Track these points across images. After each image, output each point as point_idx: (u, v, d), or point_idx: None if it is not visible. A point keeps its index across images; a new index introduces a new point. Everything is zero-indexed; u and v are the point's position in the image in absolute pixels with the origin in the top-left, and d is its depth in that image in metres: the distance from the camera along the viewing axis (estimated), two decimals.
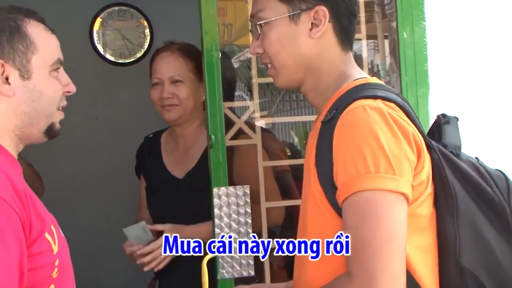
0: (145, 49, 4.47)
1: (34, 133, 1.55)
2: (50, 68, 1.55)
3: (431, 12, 2.26)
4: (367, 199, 1.37)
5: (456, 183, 1.48)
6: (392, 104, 1.45)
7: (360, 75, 1.57)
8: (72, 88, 1.61)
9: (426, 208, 1.47)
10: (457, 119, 1.61)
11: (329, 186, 1.43)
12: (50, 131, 1.57)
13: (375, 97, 1.44)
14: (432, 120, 2.20)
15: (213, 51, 2.16)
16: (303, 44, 1.54)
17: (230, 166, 2.28)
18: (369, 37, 2.50)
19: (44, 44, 1.53)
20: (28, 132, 1.54)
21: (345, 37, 1.56)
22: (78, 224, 3.96)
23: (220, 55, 2.17)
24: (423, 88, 2.23)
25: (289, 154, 2.76)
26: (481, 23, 2.38)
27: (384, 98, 1.45)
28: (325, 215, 1.46)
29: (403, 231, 1.38)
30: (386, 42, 2.55)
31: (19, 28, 1.50)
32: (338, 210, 1.43)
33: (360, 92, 1.47)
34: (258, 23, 1.56)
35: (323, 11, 1.52)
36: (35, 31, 1.52)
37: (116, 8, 4.43)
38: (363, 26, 2.31)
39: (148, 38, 4.47)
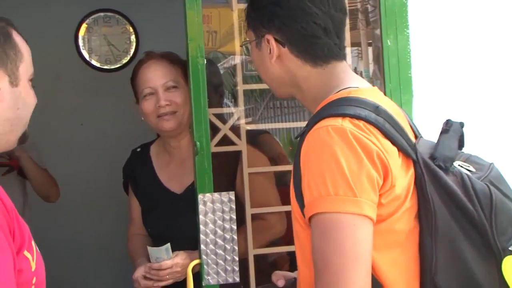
0: (130, 55, 4.48)
1: (10, 140, 1.54)
2: (29, 77, 1.55)
3: (415, 19, 2.28)
4: (329, 221, 1.39)
5: (437, 199, 1.47)
6: (360, 122, 1.45)
7: (347, 85, 1.57)
8: (35, 100, 1.61)
9: (403, 223, 1.47)
10: (461, 125, 1.60)
11: (301, 201, 1.45)
12: (23, 138, 1.58)
13: (343, 115, 1.45)
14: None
15: (198, 58, 2.16)
16: (270, 67, 1.62)
17: (234, 171, 2.29)
18: (353, 44, 2.52)
19: (26, 53, 1.54)
20: (5, 139, 1.53)
21: (310, 56, 1.58)
22: (60, 233, 3.95)
23: (205, 62, 2.17)
24: (406, 95, 2.25)
25: None
26: (464, 30, 2.40)
27: (353, 116, 1.45)
28: (303, 227, 1.48)
29: (367, 252, 1.39)
30: (370, 49, 2.56)
31: (9, 35, 1.50)
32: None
33: (331, 109, 1.49)
34: (243, 43, 1.73)
35: (270, 39, 1.59)
36: (19, 40, 1.53)
37: (102, 14, 4.43)
38: (347, 34, 2.32)
39: (134, 44, 4.48)
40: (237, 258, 2.18)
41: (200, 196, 2.17)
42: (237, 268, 2.18)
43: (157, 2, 4.37)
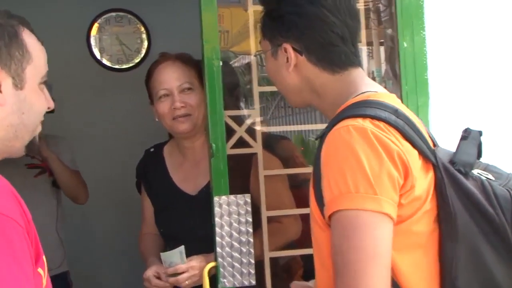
0: (142, 54, 4.47)
1: (16, 147, 1.44)
2: (40, 80, 1.45)
3: (431, 21, 2.26)
4: (348, 218, 1.39)
5: (457, 202, 1.47)
6: (380, 123, 1.46)
7: (364, 90, 1.58)
8: (52, 105, 1.50)
9: (423, 225, 1.47)
10: (480, 133, 1.60)
11: (321, 201, 1.46)
12: (31, 145, 1.47)
13: (364, 116, 1.46)
14: (432, 129, 2.21)
15: (213, 59, 2.15)
16: (286, 76, 1.63)
17: (247, 174, 2.29)
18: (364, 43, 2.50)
19: (37, 54, 1.44)
20: (10, 146, 1.42)
21: (328, 64, 1.60)
22: (70, 230, 3.95)
23: (221, 63, 2.16)
24: (423, 97, 2.23)
25: None
26: (481, 31, 2.38)
27: (373, 117, 1.46)
28: (322, 228, 1.49)
29: (386, 250, 1.39)
30: (382, 48, 2.55)
31: (17, 34, 1.40)
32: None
33: (351, 110, 1.50)
34: (257, 53, 1.76)
35: (288, 48, 1.60)
36: (30, 40, 1.43)
37: (114, 13, 4.43)
38: (362, 33, 2.31)
39: (146, 43, 4.48)
40: (253, 261, 2.18)
41: (216, 199, 2.16)
42: (253, 271, 2.18)
43: (168, 2, 4.37)
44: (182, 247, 2.26)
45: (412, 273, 1.46)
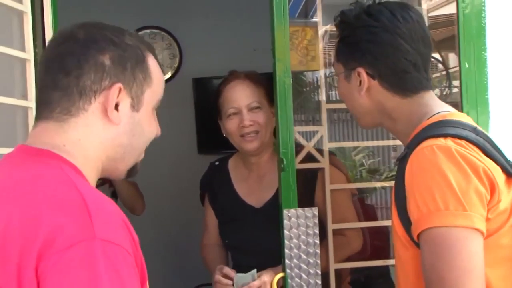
0: (174, 70, 4.54)
1: (119, 169, 1.42)
2: (155, 105, 1.45)
3: (493, 41, 2.33)
4: (440, 235, 1.43)
5: None
6: (462, 141, 1.51)
7: (438, 110, 1.64)
8: (159, 132, 1.49)
9: (510, 238, 1.52)
10: None
11: (406, 220, 1.51)
12: (132, 170, 1.45)
13: (445, 135, 1.51)
14: None
15: (285, 78, 2.22)
16: (358, 98, 1.71)
17: (312, 188, 2.37)
18: None
19: (157, 79, 1.44)
20: (115, 167, 1.41)
21: (400, 90, 1.66)
22: None
23: (291, 82, 2.24)
24: (483, 116, 2.31)
25: None
26: None
27: (454, 136, 1.52)
28: (407, 247, 1.54)
29: (480, 265, 1.43)
30: None
31: (144, 59, 1.41)
32: (417, 242, 1.50)
33: (431, 130, 1.55)
34: (330, 74, 1.84)
35: (361, 72, 1.68)
36: (153, 65, 1.44)
37: (148, 30, 4.50)
38: None
39: (177, 59, 4.55)
40: (319, 272, 2.24)
41: (285, 212, 2.23)
42: (319, 282, 2.24)
43: (200, 19, 4.44)
44: (254, 271, 2.32)
45: (503, 287, 1.51)
